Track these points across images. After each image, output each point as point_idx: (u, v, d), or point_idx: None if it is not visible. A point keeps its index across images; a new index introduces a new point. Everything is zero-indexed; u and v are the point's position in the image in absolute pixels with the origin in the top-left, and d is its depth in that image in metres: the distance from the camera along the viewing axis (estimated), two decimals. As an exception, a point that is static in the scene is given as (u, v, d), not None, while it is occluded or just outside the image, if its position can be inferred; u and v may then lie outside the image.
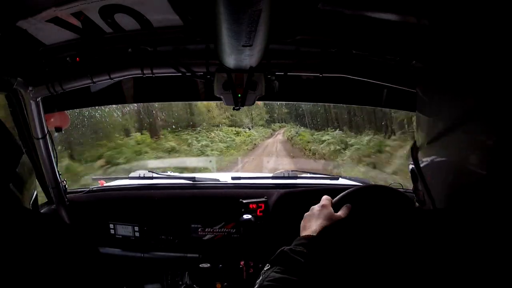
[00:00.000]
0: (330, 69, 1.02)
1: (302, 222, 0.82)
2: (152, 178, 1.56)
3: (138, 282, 1.41)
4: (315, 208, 0.83)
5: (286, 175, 1.59)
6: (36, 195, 0.71)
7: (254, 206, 1.36)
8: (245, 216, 1.31)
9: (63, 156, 4.08)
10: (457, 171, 0.44)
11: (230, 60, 0.88)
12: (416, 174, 0.58)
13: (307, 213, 0.83)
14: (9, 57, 0.95)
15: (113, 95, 1.30)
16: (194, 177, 1.54)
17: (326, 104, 6.68)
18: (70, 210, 1.39)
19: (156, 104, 5.83)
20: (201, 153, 6.93)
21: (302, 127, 9.01)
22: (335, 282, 0.41)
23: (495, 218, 0.37)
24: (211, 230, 1.39)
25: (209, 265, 1.26)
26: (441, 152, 0.49)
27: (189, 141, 7.11)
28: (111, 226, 1.41)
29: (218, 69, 1.00)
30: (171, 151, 6.42)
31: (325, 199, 0.85)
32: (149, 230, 1.40)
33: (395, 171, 4.98)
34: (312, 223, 0.79)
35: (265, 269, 0.69)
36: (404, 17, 0.79)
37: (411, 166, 0.61)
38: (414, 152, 0.58)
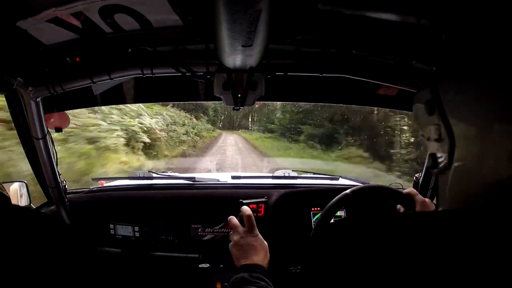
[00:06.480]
0: (330, 69, 1.02)
1: (234, 251, 0.79)
2: (152, 178, 1.56)
3: (138, 282, 1.41)
4: (236, 237, 0.81)
5: (286, 175, 1.59)
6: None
7: (254, 206, 1.36)
8: None
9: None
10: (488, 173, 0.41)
11: (230, 60, 0.88)
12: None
13: (234, 242, 0.81)
14: (9, 57, 0.95)
15: (113, 95, 1.30)
16: (194, 177, 1.54)
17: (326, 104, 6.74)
18: (70, 210, 1.39)
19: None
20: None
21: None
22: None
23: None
24: (211, 230, 1.38)
25: (209, 265, 1.26)
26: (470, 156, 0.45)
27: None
28: (111, 226, 1.41)
29: (218, 69, 1.00)
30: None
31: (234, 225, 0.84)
32: (149, 230, 1.40)
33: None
34: (247, 252, 0.77)
35: None
36: (404, 17, 0.79)
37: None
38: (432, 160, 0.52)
